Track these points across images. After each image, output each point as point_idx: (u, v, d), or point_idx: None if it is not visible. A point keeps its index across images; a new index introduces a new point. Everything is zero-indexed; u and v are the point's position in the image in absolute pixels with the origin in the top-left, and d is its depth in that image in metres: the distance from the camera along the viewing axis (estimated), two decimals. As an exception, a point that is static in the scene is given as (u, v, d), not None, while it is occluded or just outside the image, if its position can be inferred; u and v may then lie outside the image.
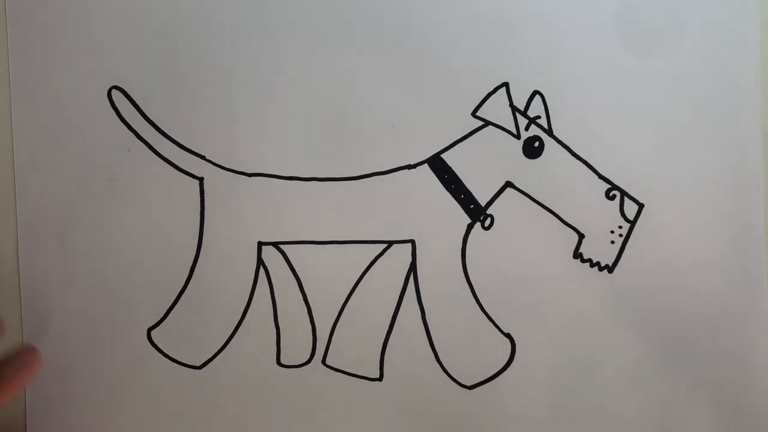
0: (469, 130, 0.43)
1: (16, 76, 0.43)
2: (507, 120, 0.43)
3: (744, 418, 0.44)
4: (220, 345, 0.44)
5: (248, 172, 0.43)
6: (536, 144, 0.43)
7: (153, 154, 0.43)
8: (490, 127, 0.43)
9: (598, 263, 0.44)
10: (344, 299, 0.44)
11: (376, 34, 0.43)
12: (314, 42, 0.43)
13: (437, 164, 0.43)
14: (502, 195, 0.43)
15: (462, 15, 0.43)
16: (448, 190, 0.43)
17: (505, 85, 0.43)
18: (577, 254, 0.44)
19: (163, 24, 0.43)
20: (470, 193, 0.43)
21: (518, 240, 0.44)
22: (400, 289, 0.44)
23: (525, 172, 0.43)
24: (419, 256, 0.44)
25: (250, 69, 0.43)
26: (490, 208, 0.44)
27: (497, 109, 0.43)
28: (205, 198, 0.43)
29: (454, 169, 0.43)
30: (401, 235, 0.44)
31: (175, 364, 0.44)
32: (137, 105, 0.43)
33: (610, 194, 0.43)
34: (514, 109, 0.43)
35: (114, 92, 0.43)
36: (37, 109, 0.43)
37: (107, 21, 0.43)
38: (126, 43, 0.43)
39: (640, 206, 0.44)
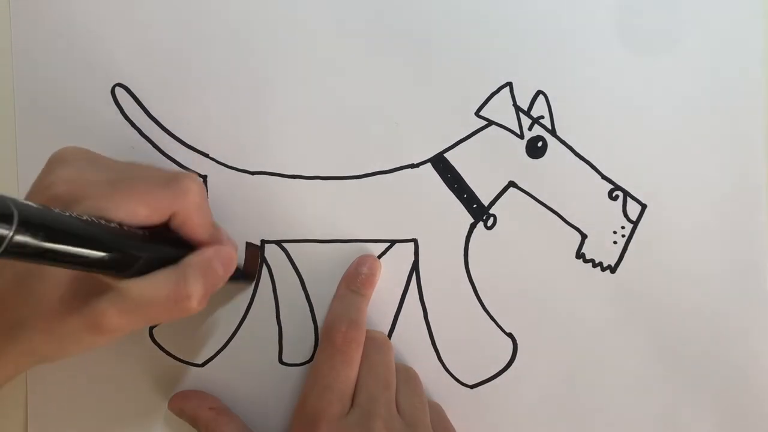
0: (473, 130, 0.43)
1: (19, 74, 0.43)
2: (510, 120, 0.43)
3: (746, 419, 0.44)
4: (223, 343, 0.44)
5: (251, 170, 0.43)
6: (539, 144, 0.43)
7: (157, 151, 0.43)
8: (494, 126, 0.43)
9: (600, 263, 0.44)
10: (346, 298, 0.44)
11: (379, 33, 0.43)
12: (318, 41, 0.43)
13: (440, 163, 0.43)
14: (505, 195, 0.43)
15: (466, 15, 0.43)
16: (451, 190, 0.43)
17: (509, 84, 0.43)
18: (579, 254, 0.44)
19: (167, 22, 0.43)
20: (473, 192, 0.43)
21: (521, 240, 0.44)
22: (403, 288, 0.44)
23: (528, 171, 0.43)
24: (422, 256, 0.44)
25: (254, 67, 0.43)
26: (493, 207, 0.44)
27: (501, 109, 0.43)
28: (208, 196, 0.43)
29: (457, 168, 0.43)
30: (404, 234, 0.44)
31: (177, 362, 0.44)
32: (141, 103, 0.43)
33: (613, 194, 0.43)
34: (518, 108, 0.43)
35: (118, 90, 0.43)
36: (41, 107, 0.43)
37: (111, 18, 0.43)
38: (130, 41, 0.43)
39: (643, 207, 0.44)
